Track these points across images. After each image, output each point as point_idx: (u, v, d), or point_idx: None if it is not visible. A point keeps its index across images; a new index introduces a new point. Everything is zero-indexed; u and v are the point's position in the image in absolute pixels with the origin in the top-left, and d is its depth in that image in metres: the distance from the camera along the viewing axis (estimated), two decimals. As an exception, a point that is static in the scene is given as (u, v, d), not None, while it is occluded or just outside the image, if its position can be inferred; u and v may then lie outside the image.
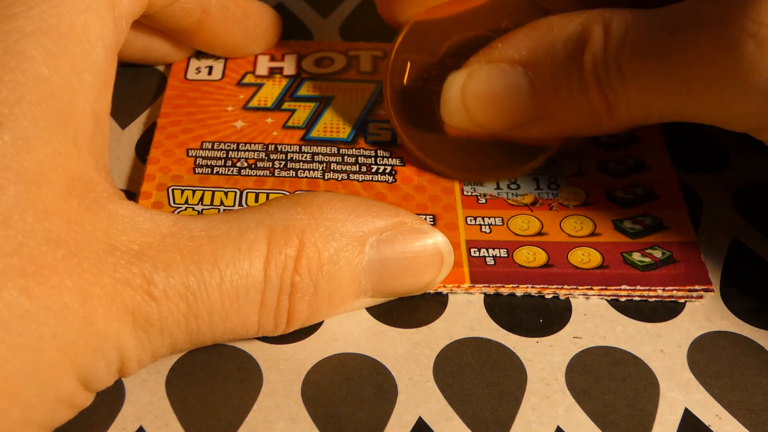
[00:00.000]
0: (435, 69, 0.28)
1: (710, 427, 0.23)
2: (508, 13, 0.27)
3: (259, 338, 0.24)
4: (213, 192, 0.27)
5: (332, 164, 0.28)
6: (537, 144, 0.27)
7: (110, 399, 0.23)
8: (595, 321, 0.25)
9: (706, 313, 0.25)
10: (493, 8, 0.27)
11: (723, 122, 0.24)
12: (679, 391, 0.23)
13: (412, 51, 0.28)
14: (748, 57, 0.21)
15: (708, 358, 0.24)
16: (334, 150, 0.29)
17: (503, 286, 0.25)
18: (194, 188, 0.27)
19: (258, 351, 0.24)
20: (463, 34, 0.27)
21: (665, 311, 0.25)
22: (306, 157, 0.29)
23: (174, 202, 0.27)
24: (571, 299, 0.25)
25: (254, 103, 0.31)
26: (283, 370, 0.23)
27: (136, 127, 0.30)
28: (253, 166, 0.28)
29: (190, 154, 0.29)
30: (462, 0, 0.27)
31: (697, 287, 0.25)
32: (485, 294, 0.25)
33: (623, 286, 0.25)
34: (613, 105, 0.24)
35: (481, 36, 0.27)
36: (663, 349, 0.24)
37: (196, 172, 0.28)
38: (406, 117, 0.28)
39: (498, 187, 0.28)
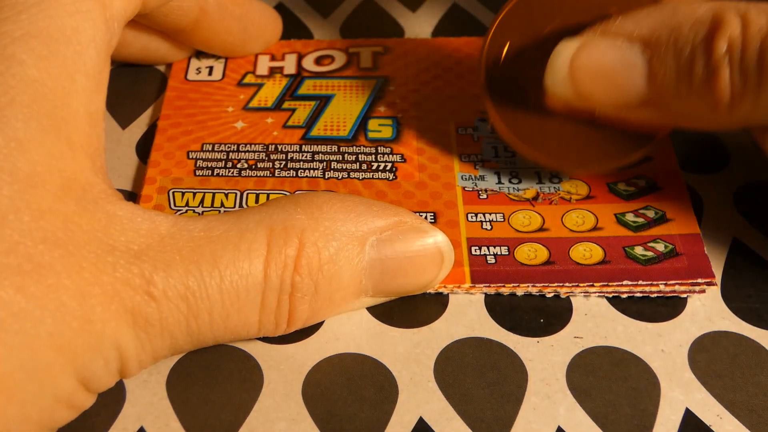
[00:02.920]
0: (534, 52, 0.26)
1: (711, 427, 0.22)
2: (617, 3, 0.25)
3: (259, 338, 0.24)
4: (213, 194, 0.27)
5: (332, 163, 0.28)
6: (639, 131, 0.26)
7: (111, 399, 0.23)
8: (596, 321, 0.25)
9: (707, 312, 0.25)
10: None
11: None
12: (680, 391, 0.23)
13: (512, 31, 0.27)
14: None
15: (709, 357, 0.24)
16: (335, 148, 0.29)
17: (504, 286, 0.25)
18: (195, 190, 0.27)
19: (258, 351, 0.24)
20: (566, 19, 0.26)
21: (666, 311, 0.25)
22: (306, 157, 0.29)
23: (175, 205, 0.27)
24: (571, 298, 0.25)
25: (254, 103, 0.31)
26: (284, 370, 0.23)
27: (137, 128, 0.30)
28: (253, 166, 0.28)
29: (190, 157, 0.29)
30: None
31: (699, 280, 0.25)
32: (486, 293, 0.25)
33: (625, 282, 0.25)
34: (738, 97, 0.22)
35: (584, 24, 0.25)
36: (664, 348, 0.24)
37: (197, 174, 0.28)
38: (500, 99, 0.27)
39: (499, 182, 0.28)
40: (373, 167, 0.28)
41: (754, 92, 0.22)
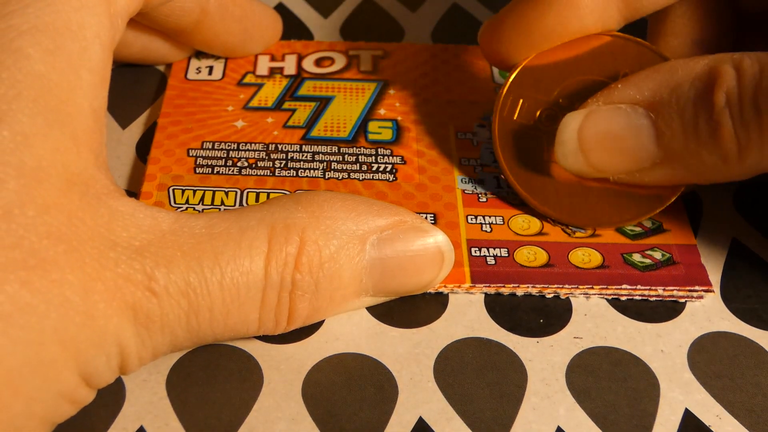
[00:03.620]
0: (547, 109, 0.27)
1: (710, 428, 0.23)
2: (626, 61, 0.26)
3: (259, 338, 0.24)
4: (214, 192, 0.27)
5: (333, 163, 0.28)
6: (652, 192, 0.26)
7: (111, 399, 0.23)
8: (595, 321, 0.25)
9: (706, 313, 0.25)
10: (611, 54, 0.26)
11: None
12: (680, 392, 0.23)
13: (525, 89, 0.27)
14: None
15: (708, 358, 0.24)
16: (335, 149, 0.29)
17: (504, 286, 0.25)
18: (195, 188, 0.27)
19: (258, 351, 0.24)
20: (579, 78, 0.27)
21: (665, 312, 0.25)
22: (306, 157, 0.29)
23: (175, 202, 0.27)
24: (571, 299, 0.25)
25: (255, 102, 0.31)
26: (284, 370, 0.23)
27: (137, 127, 0.30)
28: (253, 165, 0.28)
29: (190, 154, 0.29)
30: (575, 45, 0.27)
31: (697, 288, 0.25)
32: (486, 294, 0.25)
33: (624, 286, 0.25)
34: (745, 147, 0.23)
35: (597, 81, 0.26)
36: (663, 349, 0.24)
37: (197, 171, 0.28)
38: (513, 154, 0.27)
39: (498, 186, 0.28)
40: (374, 168, 0.28)
41: (759, 139, 0.22)
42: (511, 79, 0.27)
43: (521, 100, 0.27)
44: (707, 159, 0.23)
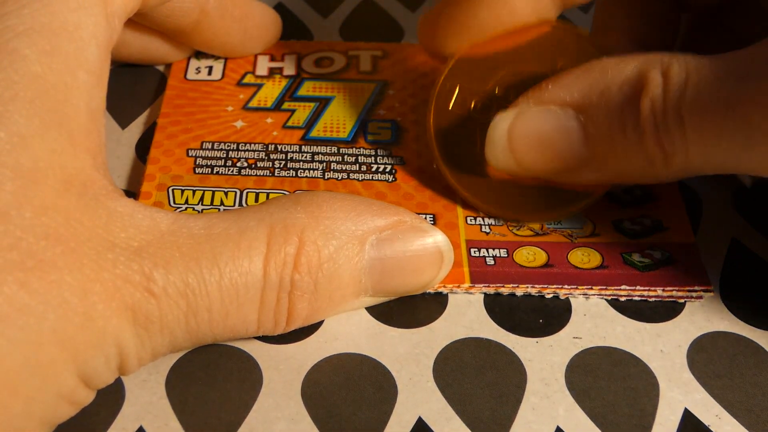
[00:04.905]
0: (482, 99, 0.27)
1: (710, 427, 0.23)
2: (564, 52, 0.26)
3: (259, 338, 0.24)
4: (213, 192, 0.27)
5: (332, 164, 0.28)
6: (580, 188, 0.26)
7: (110, 399, 0.23)
8: (594, 321, 0.25)
9: (705, 313, 0.25)
10: (549, 45, 0.26)
11: None
12: (679, 391, 0.23)
13: (461, 78, 0.27)
14: None
15: (708, 358, 0.24)
16: (334, 149, 0.29)
17: (503, 286, 0.25)
18: (194, 188, 0.27)
19: (258, 351, 0.24)
20: (515, 69, 0.27)
21: (665, 311, 0.25)
22: (306, 157, 0.29)
23: (174, 202, 0.27)
24: (570, 299, 0.25)
25: (254, 103, 0.31)
26: (283, 370, 0.23)
27: (136, 127, 0.30)
28: (253, 165, 0.28)
29: (190, 154, 0.29)
30: (514, 34, 0.27)
31: (696, 288, 0.25)
32: (485, 294, 0.25)
33: (623, 286, 0.25)
34: (670, 154, 0.23)
35: (534, 72, 0.26)
36: (663, 349, 0.24)
37: (197, 172, 0.28)
38: (447, 144, 0.27)
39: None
40: (373, 169, 0.28)
41: (682, 146, 0.23)
42: (448, 68, 0.27)
43: (457, 89, 0.27)
44: (634, 163, 0.24)
